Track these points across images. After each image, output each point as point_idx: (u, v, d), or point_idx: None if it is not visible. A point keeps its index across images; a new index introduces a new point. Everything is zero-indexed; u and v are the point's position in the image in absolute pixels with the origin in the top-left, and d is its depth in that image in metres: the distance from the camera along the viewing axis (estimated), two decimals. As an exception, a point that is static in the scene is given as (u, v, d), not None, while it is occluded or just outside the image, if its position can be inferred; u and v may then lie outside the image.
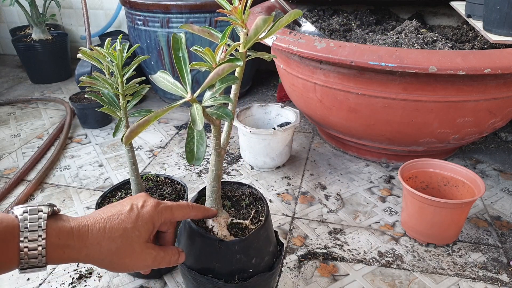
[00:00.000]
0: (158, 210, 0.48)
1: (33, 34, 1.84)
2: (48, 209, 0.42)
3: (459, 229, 0.87)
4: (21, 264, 0.40)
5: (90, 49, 0.64)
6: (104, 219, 0.44)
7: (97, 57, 0.64)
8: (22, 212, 0.41)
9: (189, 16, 1.39)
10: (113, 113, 0.67)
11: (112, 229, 0.43)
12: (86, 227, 0.43)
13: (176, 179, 0.83)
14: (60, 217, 0.43)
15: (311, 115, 1.19)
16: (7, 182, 1.09)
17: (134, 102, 0.69)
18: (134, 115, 0.67)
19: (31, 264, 0.40)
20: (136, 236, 0.45)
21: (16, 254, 0.40)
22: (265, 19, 0.47)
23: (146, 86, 0.70)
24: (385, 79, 0.92)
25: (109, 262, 0.44)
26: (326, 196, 1.05)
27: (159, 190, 0.80)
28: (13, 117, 1.53)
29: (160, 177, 0.84)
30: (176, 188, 0.81)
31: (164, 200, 0.76)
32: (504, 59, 0.83)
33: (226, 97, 0.49)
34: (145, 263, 0.47)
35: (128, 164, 0.73)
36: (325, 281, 0.80)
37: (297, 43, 0.98)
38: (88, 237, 0.42)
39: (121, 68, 0.65)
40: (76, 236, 0.42)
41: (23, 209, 0.42)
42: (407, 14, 1.55)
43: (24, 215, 0.41)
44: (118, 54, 0.64)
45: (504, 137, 1.33)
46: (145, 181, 0.83)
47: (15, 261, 0.40)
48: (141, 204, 0.48)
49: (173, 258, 0.51)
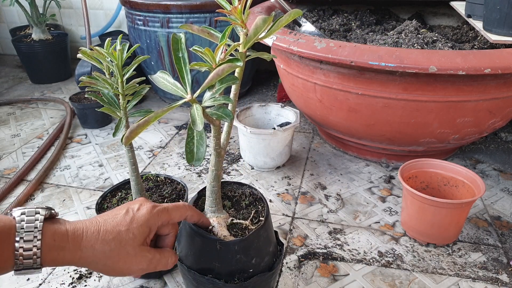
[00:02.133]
0: (154, 213, 0.48)
1: (33, 34, 1.84)
2: (46, 212, 0.43)
3: (459, 229, 0.87)
4: (16, 265, 0.41)
5: (90, 49, 0.64)
6: (99, 222, 0.45)
7: (97, 57, 0.64)
8: (20, 214, 0.42)
9: (189, 16, 1.39)
10: (113, 113, 0.67)
11: (106, 232, 0.44)
12: (81, 230, 0.43)
13: (176, 179, 0.83)
14: (57, 220, 0.44)
15: (311, 115, 1.19)
16: (7, 182, 1.09)
17: (134, 102, 0.69)
18: (134, 115, 0.67)
19: (26, 265, 0.41)
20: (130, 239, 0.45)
21: (11, 255, 0.40)
22: (264, 19, 0.47)
23: (146, 86, 0.70)
24: (385, 79, 0.92)
25: (103, 265, 0.44)
26: (326, 196, 1.05)
27: (159, 190, 0.80)
28: (13, 117, 1.53)
29: (160, 177, 0.84)
30: (176, 188, 0.81)
31: (164, 200, 0.77)
32: (504, 59, 0.83)
33: (226, 97, 0.49)
34: (140, 266, 0.46)
35: (128, 164, 0.73)
36: (325, 281, 0.80)
37: (297, 43, 0.98)
38: (83, 240, 0.43)
39: (121, 68, 0.65)
40: (71, 238, 0.43)
41: (21, 211, 0.42)
42: (407, 14, 1.55)
43: (22, 216, 0.42)
44: (118, 54, 0.64)
45: (504, 137, 1.33)
46: (145, 181, 0.83)
47: (10, 261, 0.41)
48: (137, 208, 0.48)
49: (170, 261, 0.51)
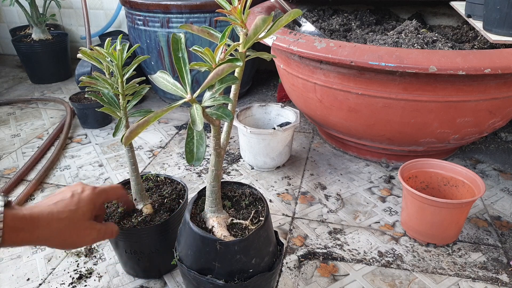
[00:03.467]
0: (96, 193, 0.58)
1: (33, 34, 1.84)
2: (4, 198, 0.49)
3: (459, 229, 0.87)
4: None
5: (90, 49, 0.64)
6: (50, 205, 0.53)
7: (97, 57, 0.64)
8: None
9: (189, 16, 1.39)
10: (113, 113, 0.67)
11: (59, 212, 0.52)
12: (37, 213, 0.51)
13: (176, 179, 0.83)
14: (14, 207, 0.51)
15: (311, 115, 1.19)
16: (7, 182, 1.09)
17: (134, 102, 0.69)
18: (134, 115, 0.67)
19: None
20: (80, 215, 0.54)
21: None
22: (264, 19, 0.47)
23: (146, 86, 0.70)
24: (385, 79, 0.92)
25: (61, 240, 0.52)
26: (326, 196, 1.05)
27: (159, 190, 0.80)
28: (13, 117, 1.53)
29: (160, 177, 0.84)
30: (176, 188, 0.81)
31: (164, 200, 0.77)
32: (504, 59, 0.83)
33: (226, 97, 0.49)
34: (91, 237, 0.56)
35: (128, 164, 0.73)
36: (325, 281, 0.80)
37: (297, 43, 0.98)
38: (39, 220, 0.50)
39: (121, 68, 0.65)
40: (29, 220, 0.50)
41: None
42: (407, 14, 1.55)
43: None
44: (118, 54, 0.64)
45: (504, 137, 1.33)
46: (145, 181, 0.83)
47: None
48: (81, 190, 0.57)
49: (114, 230, 0.63)
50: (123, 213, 0.74)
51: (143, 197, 0.75)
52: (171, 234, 0.74)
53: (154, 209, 0.75)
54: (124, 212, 0.74)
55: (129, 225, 0.71)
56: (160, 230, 0.73)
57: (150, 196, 0.78)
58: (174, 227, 0.74)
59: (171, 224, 0.74)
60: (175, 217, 0.74)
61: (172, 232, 0.74)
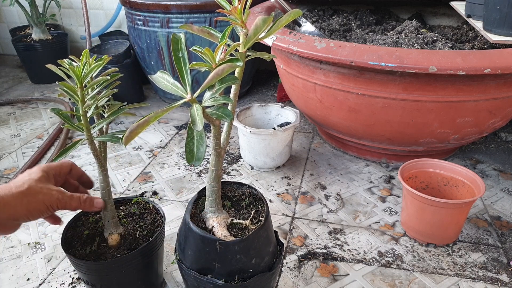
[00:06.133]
0: (44, 164, 0.62)
1: (33, 34, 1.84)
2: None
3: (459, 229, 0.87)
4: None
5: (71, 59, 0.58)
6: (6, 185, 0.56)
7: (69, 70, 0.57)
8: None
9: (189, 16, 1.39)
10: (78, 130, 0.61)
11: (16, 181, 0.56)
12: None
13: (161, 212, 0.73)
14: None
15: (311, 115, 1.19)
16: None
17: (103, 123, 0.62)
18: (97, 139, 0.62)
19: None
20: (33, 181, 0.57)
21: None
22: (264, 19, 0.47)
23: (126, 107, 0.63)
24: (385, 79, 0.92)
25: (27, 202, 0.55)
26: (326, 196, 1.05)
27: (140, 219, 0.72)
28: (13, 117, 1.53)
29: (149, 204, 0.75)
30: (155, 222, 0.72)
31: (136, 233, 0.69)
32: (504, 59, 0.83)
33: (226, 97, 0.49)
34: (54, 197, 0.57)
35: (99, 187, 0.66)
36: (325, 281, 0.80)
37: (297, 43, 0.98)
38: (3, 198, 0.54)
39: (81, 85, 0.57)
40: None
41: None
42: (407, 14, 1.55)
43: None
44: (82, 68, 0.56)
45: (504, 137, 1.33)
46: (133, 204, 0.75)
47: None
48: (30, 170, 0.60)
49: (94, 200, 0.64)
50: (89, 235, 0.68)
51: (113, 224, 0.67)
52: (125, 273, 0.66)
53: (123, 239, 0.67)
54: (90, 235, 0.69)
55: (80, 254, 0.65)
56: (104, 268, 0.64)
57: (128, 224, 0.71)
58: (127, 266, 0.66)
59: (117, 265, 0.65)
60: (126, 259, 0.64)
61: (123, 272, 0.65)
